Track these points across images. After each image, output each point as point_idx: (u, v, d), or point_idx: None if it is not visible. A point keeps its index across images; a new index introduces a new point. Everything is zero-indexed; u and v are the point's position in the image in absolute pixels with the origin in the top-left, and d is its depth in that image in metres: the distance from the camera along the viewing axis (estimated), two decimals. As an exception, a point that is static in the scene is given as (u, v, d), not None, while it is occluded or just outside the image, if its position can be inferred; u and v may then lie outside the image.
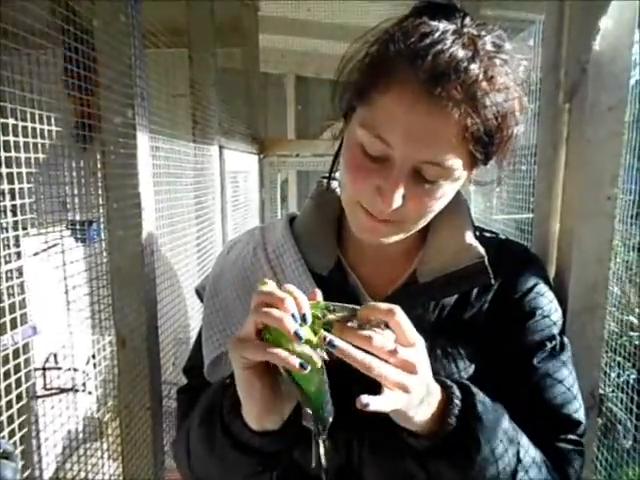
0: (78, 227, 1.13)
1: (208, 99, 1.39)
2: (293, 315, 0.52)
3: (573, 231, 0.86)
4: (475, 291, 0.74)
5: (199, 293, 0.87)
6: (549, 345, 0.73)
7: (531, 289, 0.75)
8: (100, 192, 0.92)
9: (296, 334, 0.51)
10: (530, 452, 0.67)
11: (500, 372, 0.72)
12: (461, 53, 0.57)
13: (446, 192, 0.64)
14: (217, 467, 0.70)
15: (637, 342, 0.98)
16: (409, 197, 0.62)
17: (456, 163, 0.60)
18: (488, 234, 0.80)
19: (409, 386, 0.55)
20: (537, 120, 1.11)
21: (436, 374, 0.68)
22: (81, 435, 1.14)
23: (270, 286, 0.56)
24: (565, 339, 0.76)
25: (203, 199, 1.43)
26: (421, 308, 0.73)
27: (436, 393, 0.61)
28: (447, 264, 0.73)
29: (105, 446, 1.02)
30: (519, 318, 0.73)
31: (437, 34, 0.58)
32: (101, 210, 0.93)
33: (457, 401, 0.62)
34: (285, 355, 0.53)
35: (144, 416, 0.93)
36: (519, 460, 0.64)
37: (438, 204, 0.65)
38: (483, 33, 0.60)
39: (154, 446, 0.96)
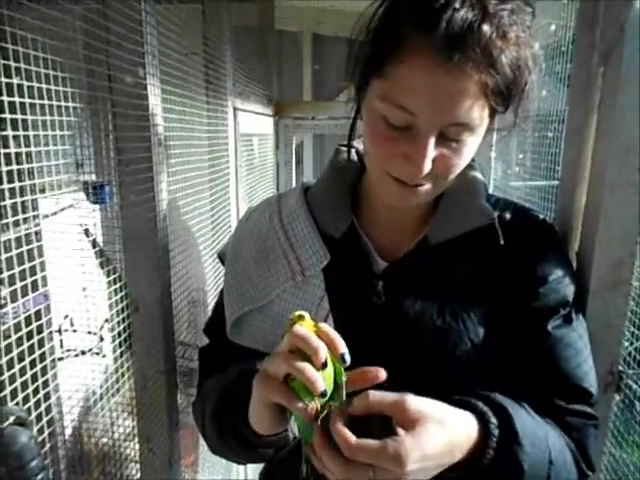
0: (91, 190, 1.12)
1: (222, 58, 1.35)
2: (323, 364, 0.54)
3: (600, 203, 0.83)
4: (487, 255, 0.74)
5: (221, 258, 0.90)
6: (562, 311, 0.73)
7: (544, 256, 0.74)
8: (112, 155, 0.90)
9: (322, 394, 0.53)
10: (556, 447, 0.66)
11: (511, 337, 0.72)
12: (471, 15, 0.56)
13: (471, 146, 0.65)
14: (226, 449, 0.77)
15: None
16: (437, 159, 0.63)
17: (479, 119, 0.61)
18: (505, 201, 0.80)
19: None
20: (565, 84, 1.06)
21: (444, 335, 0.70)
22: (98, 394, 1.17)
23: (305, 324, 0.57)
24: (580, 314, 0.75)
25: (217, 162, 1.40)
26: (432, 270, 0.74)
27: (462, 438, 0.59)
28: (458, 226, 0.74)
29: (120, 407, 1.04)
30: (531, 284, 0.73)
31: None
32: (113, 173, 0.91)
33: (494, 430, 0.60)
34: (304, 410, 0.55)
35: (158, 379, 0.94)
36: (551, 463, 0.63)
37: (465, 158, 0.66)
38: None
39: (168, 409, 0.97)
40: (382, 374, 0.55)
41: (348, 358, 0.55)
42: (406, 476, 0.54)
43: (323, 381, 0.53)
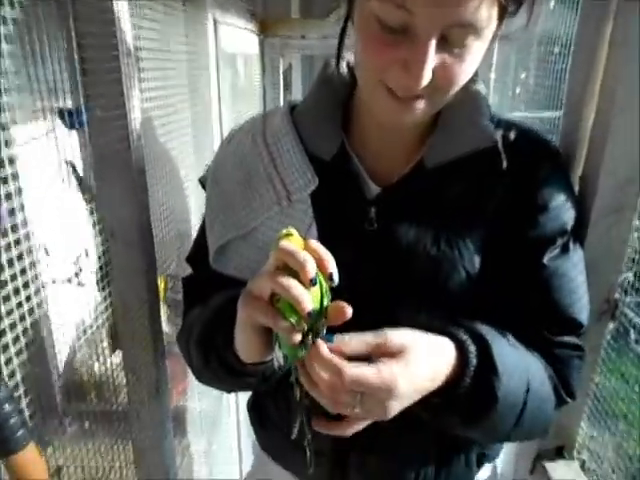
0: (67, 114, 1.04)
1: (200, -40, 1.21)
2: (311, 280, 0.50)
3: (609, 122, 0.77)
4: (487, 179, 0.69)
5: (202, 183, 0.84)
6: (560, 241, 0.70)
7: (546, 182, 0.70)
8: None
9: (309, 315, 0.50)
10: (536, 378, 0.65)
11: (507, 267, 0.69)
12: None
13: (476, 54, 0.57)
14: (213, 379, 0.75)
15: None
16: (438, 67, 0.56)
17: (486, 20, 0.53)
18: (507, 121, 0.73)
19: (386, 409, 0.55)
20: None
21: (438, 264, 0.68)
22: (82, 324, 1.15)
23: (294, 240, 0.53)
24: (577, 243, 0.72)
25: (197, 80, 1.30)
26: (428, 196, 0.70)
27: (442, 366, 0.59)
28: (457, 148, 0.69)
29: (104, 336, 1.01)
30: (531, 211, 0.69)
31: None
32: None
33: (473, 359, 0.59)
34: (290, 331, 0.52)
35: (141, 309, 0.90)
36: (528, 391, 0.63)
37: (470, 68, 0.58)
38: None
39: (153, 338, 0.94)
40: (346, 309, 0.52)
41: (336, 277, 0.51)
42: (393, 401, 0.54)
43: (310, 300, 0.50)
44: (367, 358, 0.54)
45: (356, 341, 0.54)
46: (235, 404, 1.93)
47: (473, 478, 0.84)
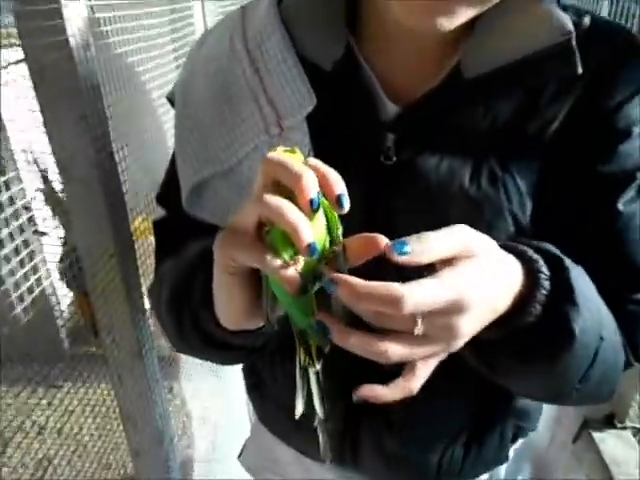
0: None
1: None
2: (312, 201, 0.36)
3: None
4: (547, 91, 0.52)
5: (171, 101, 0.66)
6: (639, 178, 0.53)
7: (632, 96, 0.53)
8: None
9: (310, 248, 0.36)
10: (610, 326, 0.52)
11: (567, 214, 0.55)
12: None
13: None
14: (189, 349, 0.63)
15: None
16: None
17: None
18: (575, 6, 0.54)
19: (454, 330, 0.39)
20: None
21: (478, 207, 0.53)
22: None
23: (292, 156, 0.38)
24: None
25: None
26: (465, 117, 0.54)
27: (505, 280, 0.43)
28: (510, 49, 0.51)
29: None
30: (609, 137, 0.53)
31: None
32: None
33: (545, 281, 0.44)
34: (284, 274, 0.37)
35: (108, 263, 0.75)
36: (602, 339, 0.49)
37: None
38: None
39: (127, 296, 0.80)
40: (381, 240, 0.37)
41: (346, 201, 0.37)
42: (463, 318, 0.39)
43: (310, 228, 0.36)
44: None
45: (437, 250, 0.37)
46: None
47: (505, 459, 0.72)
